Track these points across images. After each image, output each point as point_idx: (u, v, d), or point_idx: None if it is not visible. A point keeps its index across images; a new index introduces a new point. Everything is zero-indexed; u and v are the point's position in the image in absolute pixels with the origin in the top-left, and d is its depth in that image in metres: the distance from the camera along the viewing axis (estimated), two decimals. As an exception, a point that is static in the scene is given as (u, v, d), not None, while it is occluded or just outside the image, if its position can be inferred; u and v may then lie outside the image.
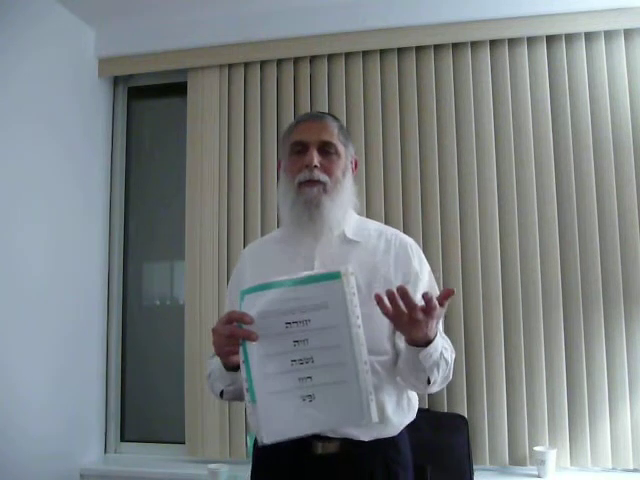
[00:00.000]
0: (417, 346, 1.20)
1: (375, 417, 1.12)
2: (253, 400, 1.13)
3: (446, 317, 2.30)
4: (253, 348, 1.14)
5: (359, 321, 1.13)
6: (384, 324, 1.29)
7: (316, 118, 1.44)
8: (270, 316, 1.14)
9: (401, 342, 1.30)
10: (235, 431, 2.43)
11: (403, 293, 1.12)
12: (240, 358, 1.15)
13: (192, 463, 2.46)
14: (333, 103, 2.53)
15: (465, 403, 2.29)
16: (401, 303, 1.12)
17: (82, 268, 2.55)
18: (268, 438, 1.14)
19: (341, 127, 1.44)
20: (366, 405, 1.12)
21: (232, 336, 1.15)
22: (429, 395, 2.30)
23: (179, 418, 2.52)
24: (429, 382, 1.26)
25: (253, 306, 1.15)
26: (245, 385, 1.14)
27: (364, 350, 1.13)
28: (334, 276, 1.15)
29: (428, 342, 1.20)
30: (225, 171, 2.57)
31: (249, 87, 2.61)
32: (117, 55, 2.70)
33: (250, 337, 1.13)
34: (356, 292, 1.14)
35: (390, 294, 1.12)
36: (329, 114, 1.53)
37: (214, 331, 1.20)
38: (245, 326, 1.14)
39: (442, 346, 1.26)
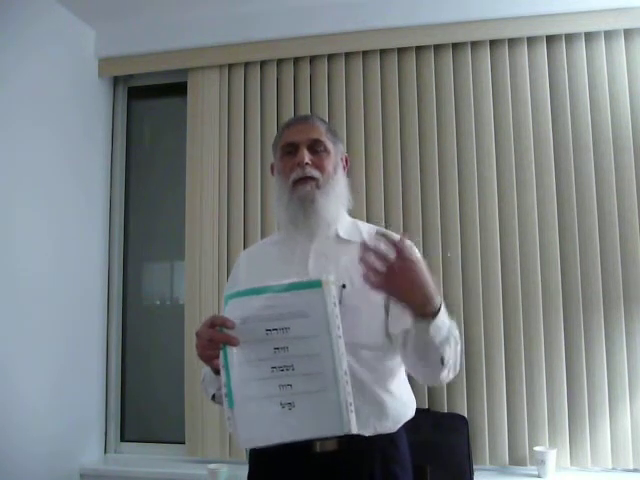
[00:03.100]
0: (424, 317, 1.16)
1: (354, 428, 1.11)
2: (231, 406, 1.13)
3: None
4: (234, 353, 1.14)
5: (340, 331, 1.12)
6: (377, 317, 1.31)
7: (303, 119, 1.50)
8: (251, 322, 1.14)
9: (402, 325, 1.26)
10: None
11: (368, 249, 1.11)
12: (220, 363, 1.15)
13: (192, 463, 2.46)
14: (333, 103, 2.53)
15: (465, 403, 2.29)
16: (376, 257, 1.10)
17: (82, 268, 2.55)
18: (246, 444, 1.14)
19: (328, 126, 1.48)
20: (345, 415, 1.11)
21: (213, 340, 1.16)
22: (429, 395, 2.31)
23: (179, 418, 2.52)
24: (443, 362, 1.21)
25: (236, 311, 1.15)
26: (224, 390, 1.13)
27: (344, 360, 1.12)
28: (315, 285, 1.14)
29: (434, 313, 1.16)
30: (225, 171, 2.57)
31: (249, 87, 2.61)
32: (117, 55, 2.70)
33: (231, 342, 1.14)
34: (337, 301, 1.13)
35: (364, 255, 1.11)
36: (315, 116, 1.59)
37: (197, 334, 1.20)
38: (226, 331, 1.14)
39: (450, 322, 1.22)
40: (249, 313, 1.14)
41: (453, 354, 1.23)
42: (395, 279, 1.11)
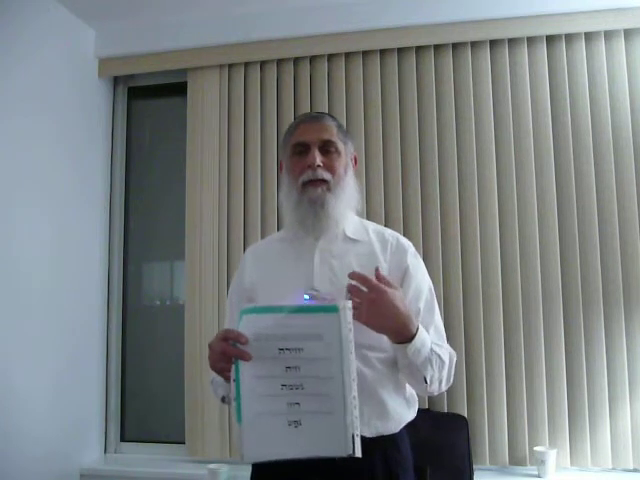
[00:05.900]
0: (401, 343, 1.23)
1: (359, 453, 1.12)
2: (239, 419, 1.14)
3: (446, 317, 2.30)
4: (245, 368, 1.15)
5: (352, 356, 1.13)
6: None
7: (315, 118, 1.47)
8: (264, 339, 1.15)
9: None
10: (235, 431, 2.43)
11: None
12: (231, 376, 1.16)
13: (192, 463, 2.46)
14: (333, 103, 2.53)
15: (465, 403, 2.29)
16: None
17: (82, 268, 2.55)
18: (248, 457, 1.15)
19: (339, 125, 1.46)
20: (350, 440, 1.11)
21: (225, 354, 1.17)
22: (429, 395, 2.31)
23: (179, 418, 2.52)
24: (426, 381, 1.27)
25: (250, 327, 1.16)
26: (234, 404, 1.15)
27: (355, 385, 1.13)
28: (331, 309, 1.15)
29: (411, 337, 1.23)
30: (225, 171, 2.57)
31: (249, 87, 2.61)
32: (117, 55, 2.70)
33: (243, 357, 1.14)
34: (352, 327, 1.14)
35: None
36: (327, 114, 1.56)
37: (210, 346, 1.22)
38: (239, 346, 1.15)
39: (433, 343, 1.28)
40: (263, 331, 1.15)
41: (438, 372, 1.29)
42: (367, 311, 1.19)
